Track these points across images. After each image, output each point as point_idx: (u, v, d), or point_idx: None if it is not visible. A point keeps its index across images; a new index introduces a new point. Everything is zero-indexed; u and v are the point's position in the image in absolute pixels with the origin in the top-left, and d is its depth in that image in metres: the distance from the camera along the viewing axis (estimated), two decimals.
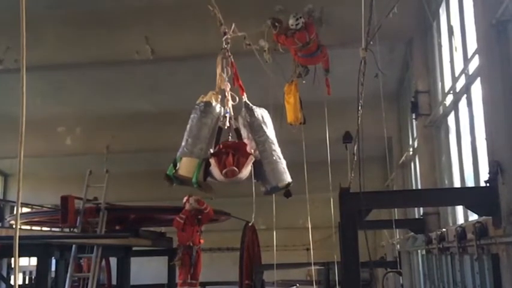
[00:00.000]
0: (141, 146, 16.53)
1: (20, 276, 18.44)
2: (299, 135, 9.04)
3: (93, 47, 10.83)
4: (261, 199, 4.40)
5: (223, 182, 3.94)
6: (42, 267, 9.37)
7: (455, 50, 8.68)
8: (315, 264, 13.24)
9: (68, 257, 10.17)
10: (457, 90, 8.63)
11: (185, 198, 11.24)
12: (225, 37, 4.34)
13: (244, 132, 4.14)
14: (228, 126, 4.15)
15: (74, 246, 10.31)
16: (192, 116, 4.10)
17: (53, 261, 9.89)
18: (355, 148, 7.92)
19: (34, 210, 18.41)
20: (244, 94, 4.27)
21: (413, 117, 11.14)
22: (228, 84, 4.24)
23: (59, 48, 10.86)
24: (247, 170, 3.89)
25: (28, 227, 14.16)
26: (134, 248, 13.10)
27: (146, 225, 14.18)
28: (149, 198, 19.92)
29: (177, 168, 3.92)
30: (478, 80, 6.98)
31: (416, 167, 13.31)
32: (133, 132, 15.99)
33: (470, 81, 7.72)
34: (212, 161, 3.85)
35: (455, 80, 8.66)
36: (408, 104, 11.60)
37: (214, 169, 3.85)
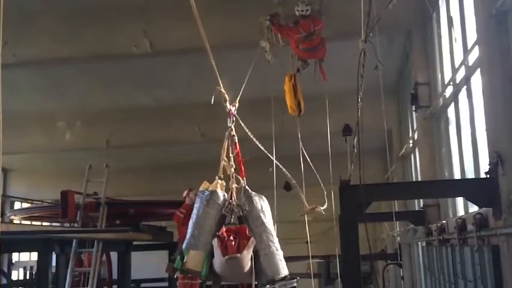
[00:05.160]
0: (141, 140, 16.50)
1: (21, 271, 18.49)
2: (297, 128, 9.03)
3: (92, 41, 10.77)
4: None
5: (224, 269, 3.89)
6: (43, 262, 9.39)
7: (455, 41, 8.65)
8: (315, 257, 13.25)
9: (69, 252, 10.20)
10: (457, 81, 8.60)
11: (185, 192, 11.15)
12: (232, 115, 4.23)
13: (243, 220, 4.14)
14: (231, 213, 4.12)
15: (74, 241, 10.34)
16: (196, 205, 4.09)
17: (54, 256, 9.91)
18: (355, 141, 7.90)
19: (34, 205, 18.43)
20: (244, 179, 4.22)
21: (413, 109, 11.11)
22: (233, 166, 4.19)
23: (57, 43, 10.80)
24: (248, 257, 3.88)
25: (28, 222, 14.18)
26: (135, 243, 13.12)
27: (146, 219, 14.19)
28: (149, 192, 19.93)
29: (184, 261, 3.92)
30: (478, 71, 6.95)
31: (416, 159, 13.29)
32: (133, 127, 15.95)
33: (470, 72, 7.68)
34: (215, 243, 3.87)
35: (455, 71, 8.63)
36: (408, 96, 11.56)
37: (217, 251, 3.87)
